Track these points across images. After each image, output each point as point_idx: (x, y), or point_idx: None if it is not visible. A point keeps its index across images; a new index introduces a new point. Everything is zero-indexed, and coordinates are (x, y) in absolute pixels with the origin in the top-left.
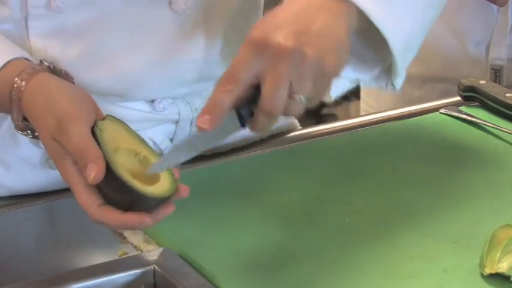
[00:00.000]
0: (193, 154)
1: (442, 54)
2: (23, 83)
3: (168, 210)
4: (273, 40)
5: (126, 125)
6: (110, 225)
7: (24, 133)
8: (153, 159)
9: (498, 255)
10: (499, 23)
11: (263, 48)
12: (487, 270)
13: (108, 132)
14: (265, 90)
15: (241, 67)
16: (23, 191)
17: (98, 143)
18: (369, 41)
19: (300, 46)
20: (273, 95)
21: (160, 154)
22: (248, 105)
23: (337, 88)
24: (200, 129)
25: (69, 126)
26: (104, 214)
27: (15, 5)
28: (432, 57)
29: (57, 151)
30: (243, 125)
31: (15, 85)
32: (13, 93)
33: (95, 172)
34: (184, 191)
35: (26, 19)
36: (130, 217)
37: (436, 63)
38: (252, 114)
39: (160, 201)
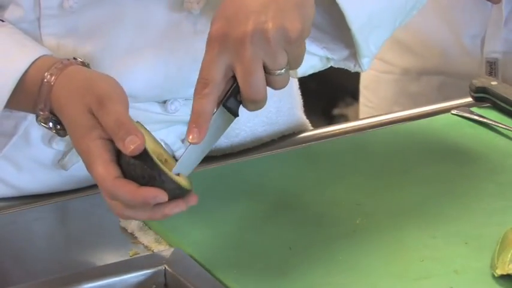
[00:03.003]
0: (203, 156)
1: (437, 48)
2: (53, 77)
3: (179, 206)
4: (232, 30)
5: (152, 134)
6: (124, 198)
7: (46, 125)
8: (174, 164)
9: (509, 256)
10: (493, 16)
11: (225, 41)
12: (498, 271)
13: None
14: (240, 81)
15: (210, 68)
16: (34, 192)
17: None
18: (337, 22)
19: (259, 25)
20: (249, 84)
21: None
22: (233, 96)
23: (305, 65)
24: (192, 144)
25: (110, 102)
26: (120, 186)
27: (29, 5)
28: (427, 51)
29: (88, 123)
30: (235, 115)
31: (45, 80)
32: (45, 80)
33: (136, 144)
34: (195, 198)
35: (38, 19)
36: (146, 190)
37: (431, 56)
38: (240, 101)
39: (176, 190)
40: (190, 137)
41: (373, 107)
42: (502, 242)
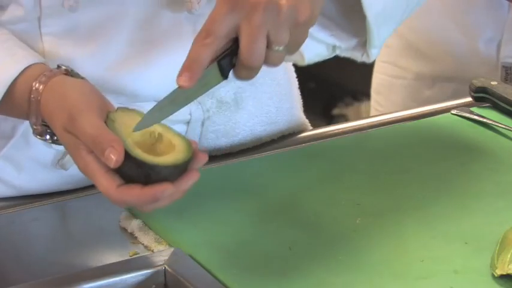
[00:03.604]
0: (177, 109)
1: (452, 53)
2: (41, 86)
3: (191, 176)
4: None
5: (139, 111)
6: (134, 202)
7: (43, 138)
8: (168, 135)
9: (509, 256)
10: (510, 21)
11: (238, 1)
12: (498, 271)
13: (120, 121)
14: (243, 43)
15: (217, 20)
16: (34, 192)
17: None
18: (348, 11)
19: None
20: (251, 47)
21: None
22: (229, 57)
23: (312, 52)
24: (181, 87)
25: (80, 116)
26: (124, 193)
27: (29, 4)
28: (442, 56)
29: (71, 142)
30: (225, 76)
31: (34, 88)
32: (32, 96)
33: (115, 156)
34: (203, 156)
35: (39, 19)
36: (150, 189)
37: (446, 62)
38: (233, 65)
39: (176, 170)
40: (182, 79)
41: (384, 111)
42: (501, 242)
